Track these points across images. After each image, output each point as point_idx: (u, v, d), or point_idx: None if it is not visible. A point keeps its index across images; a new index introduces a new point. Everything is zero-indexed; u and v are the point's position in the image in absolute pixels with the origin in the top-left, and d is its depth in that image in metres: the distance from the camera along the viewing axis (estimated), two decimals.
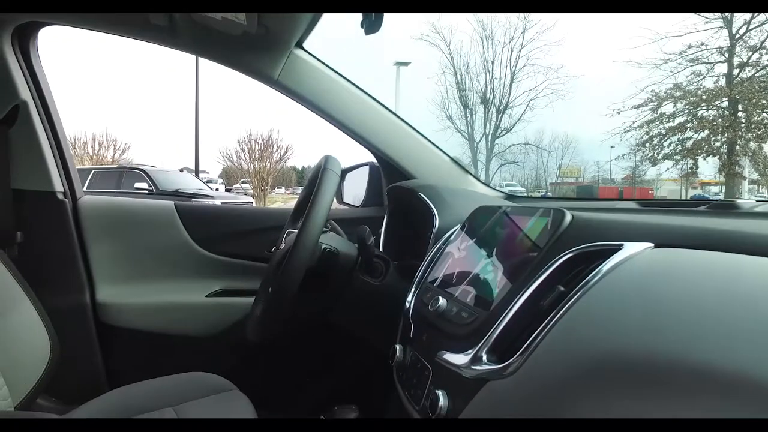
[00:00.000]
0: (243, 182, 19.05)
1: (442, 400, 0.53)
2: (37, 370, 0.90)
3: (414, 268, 0.81)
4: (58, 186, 1.19)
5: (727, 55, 11.21)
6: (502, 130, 17.39)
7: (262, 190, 17.00)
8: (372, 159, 1.38)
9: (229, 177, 21.98)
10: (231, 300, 1.29)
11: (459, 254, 0.71)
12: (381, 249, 1.12)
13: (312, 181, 0.94)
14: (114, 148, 16.71)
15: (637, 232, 0.48)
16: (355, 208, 1.41)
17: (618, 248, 0.45)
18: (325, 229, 0.90)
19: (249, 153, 17.34)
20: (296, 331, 1.22)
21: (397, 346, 0.69)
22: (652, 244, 0.45)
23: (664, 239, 0.46)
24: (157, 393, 1.00)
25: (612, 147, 14.15)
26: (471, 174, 1.31)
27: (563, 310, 0.44)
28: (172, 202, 1.32)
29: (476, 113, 17.56)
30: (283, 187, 23.72)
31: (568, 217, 0.53)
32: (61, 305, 1.12)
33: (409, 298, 0.75)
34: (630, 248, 0.45)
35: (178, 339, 1.25)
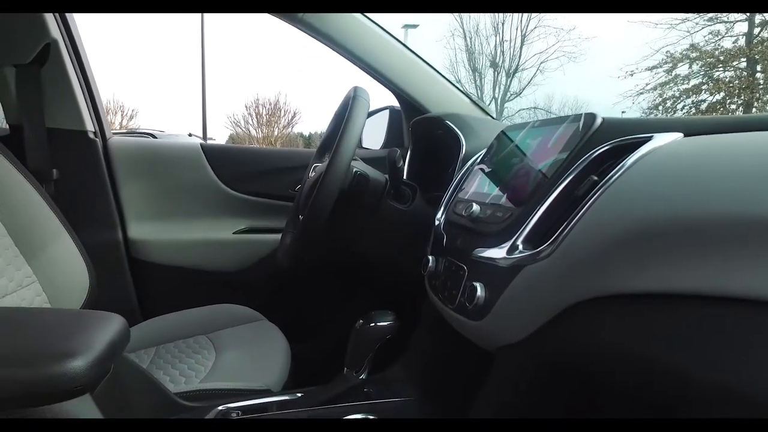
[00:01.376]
0: None
1: (480, 291, 0.56)
2: (78, 299, 0.94)
3: (439, 198, 0.84)
4: (89, 125, 1.22)
5: (748, 13, 10.82)
6: (511, 94, 17.12)
7: None
8: (390, 105, 1.39)
9: (236, 143, 21.89)
10: (258, 237, 1.33)
11: (488, 169, 0.73)
12: None
13: (340, 113, 0.96)
14: (122, 115, 16.72)
15: (666, 127, 0.50)
16: (376, 150, 1.43)
17: (649, 139, 0.48)
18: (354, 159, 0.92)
19: (257, 118, 17.22)
20: (325, 259, 1.27)
21: (429, 257, 0.72)
22: (681, 134, 0.48)
23: (693, 130, 0.48)
24: (190, 322, 1.05)
25: (623, 112, 13.88)
26: (491, 116, 1.32)
27: (597, 194, 0.47)
28: (198, 142, 1.35)
29: (485, 77, 17.26)
30: None
31: (599, 119, 0.55)
32: (95, 241, 1.15)
33: (439, 215, 0.78)
34: (661, 138, 0.47)
35: (207, 274, 1.31)
